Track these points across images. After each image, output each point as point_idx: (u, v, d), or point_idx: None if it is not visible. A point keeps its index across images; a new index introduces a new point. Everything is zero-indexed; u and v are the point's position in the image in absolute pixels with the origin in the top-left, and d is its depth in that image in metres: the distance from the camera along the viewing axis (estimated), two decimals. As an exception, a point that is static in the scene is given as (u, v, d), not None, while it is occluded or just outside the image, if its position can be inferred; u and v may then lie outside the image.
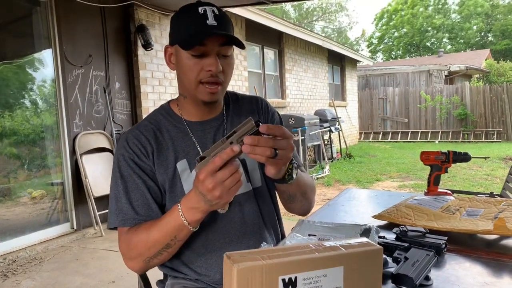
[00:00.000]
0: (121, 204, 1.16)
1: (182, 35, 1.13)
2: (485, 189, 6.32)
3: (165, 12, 5.46)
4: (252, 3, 5.09)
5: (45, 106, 4.50)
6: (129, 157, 1.18)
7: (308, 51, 10.38)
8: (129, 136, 1.21)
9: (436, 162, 1.76)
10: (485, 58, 21.66)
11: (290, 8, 31.95)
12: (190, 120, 1.25)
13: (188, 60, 1.14)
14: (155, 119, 1.26)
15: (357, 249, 0.81)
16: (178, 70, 1.20)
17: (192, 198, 1.00)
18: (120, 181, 1.18)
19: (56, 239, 4.21)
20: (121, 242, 1.15)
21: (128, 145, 1.19)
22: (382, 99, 15.72)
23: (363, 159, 10.19)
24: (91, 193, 4.42)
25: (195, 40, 1.10)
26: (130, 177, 1.17)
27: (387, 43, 33.13)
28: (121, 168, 1.18)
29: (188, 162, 1.20)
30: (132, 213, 1.15)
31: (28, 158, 4.40)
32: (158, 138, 1.21)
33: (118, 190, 1.17)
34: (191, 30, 1.12)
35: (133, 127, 1.25)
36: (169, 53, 1.22)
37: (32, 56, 4.51)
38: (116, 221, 1.16)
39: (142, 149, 1.19)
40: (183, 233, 1.07)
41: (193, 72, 1.14)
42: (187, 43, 1.11)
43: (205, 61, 1.13)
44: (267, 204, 1.31)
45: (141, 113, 5.18)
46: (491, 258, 1.18)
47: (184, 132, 1.23)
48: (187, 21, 1.13)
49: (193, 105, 1.23)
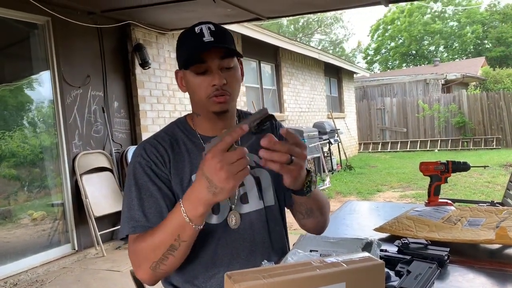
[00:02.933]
0: (133, 211, 1.15)
1: (183, 57, 1.19)
2: (487, 197, 6.30)
3: (162, 31, 5.51)
4: (248, 19, 5.14)
5: (44, 127, 4.51)
6: (146, 164, 1.18)
7: (304, 64, 10.45)
8: (147, 145, 1.22)
9: (436, 172, 1.76)
10: (481, 66, 21.79)
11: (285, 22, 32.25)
12: (205, 135, 1.27)
13: (194, 79, 1.19)
14: (172, 131, 1.28)
15: (359, 264, 0.80)
16: (188, 91, 1.25)
17: (195, 188, 0.99)
18: (134, 188, 1.17)
19: (57, 261, 4.18)
20: (130, 251, 1.13)
21: (145, 153, 1.20)
22: (380, 109, 15.76)
23: (363, 170, 10.18)
24: (92, 213, 4.41)
25: (192, 58, 1.16)
26: (145, 184, 1.17)
27: (384, 54, 33.35)
28: (136, 176, 1.18)
29: None
30: (143, 220, 1.14)
31: (28, 179, 4.39)
32: (175, 150, 1.23)
33: (131, 197, 1.16)
34: (189, 50, 1.17)
35: (150, 137, 1.27)
36: (180, 77, 1.27)
37: (31, 78, 4.54)
38: (126, 229, 1.14)
39: (159, 157, 1.20)
40: (187, 232, 1.03)
41: (200, 89, 1.18)
42: (186, 62, 1.18)
43: (208, 77, 1.17)
44: (278, 224, 1.32)
45: (140, 132, 5.20)
46: (494, 269, 1.17)
47: (199, 146, 1.25)
48: (186, 43, 1.19)
49: (207, 121, 1.26)
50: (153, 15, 4.88)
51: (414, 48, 31.09)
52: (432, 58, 29.11)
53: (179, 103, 5.89)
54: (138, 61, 5.11)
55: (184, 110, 5.91)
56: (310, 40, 34.10)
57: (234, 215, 1.22)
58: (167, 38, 5.71)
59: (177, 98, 5.86)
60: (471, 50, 30.36)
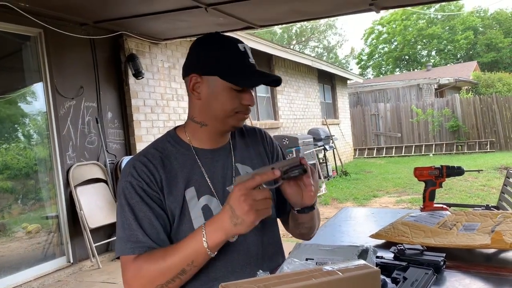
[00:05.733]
0: (130, 231, 1.13)
1: (227, 70, 1.16)
2: (482, 200, 6.32)
3: (155, 41, 5.52)
4: (241, 28, 5.16)
5: (38, 139, 4.49)
6: (137, 184, 1.15)
7: (298, 71, 10.49)
8: (137, 164, 1.18)
9: (430, 177, 1.76)
10: (473, 70, 21.96)
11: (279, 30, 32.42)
12: (199, 147, 1.25)
13: (228, 93, 1.17)
14: (162, 147, 1.24)
15: (354, 272, 0.80)
16: (207, 100, 1.20)
17: (219, 216, 1.04)
18: (128, 208, 1.14)
19: (52, 274, 4.14)
20: (128, 271, 1.11)
21: (136, 172, 1.16)
22: (374, 115, 15.83)
23: (359, 176, 10.19)
24: (87, 224, 4.37)
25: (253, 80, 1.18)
26: (138, 204, 1.14)
27: (377, 59, 33.55)
28: (127, 196, 1.15)
29: (196, 190, 1.19)
30: (142, 239, 1.12)
31: (22, 192, 4.36)
32: (167, 167, 1.19)
33: (126, 217, 1.14)
34: (239, 68, 1.17)
35: (139, 154, 1.22)
36: (194, 82, 1.20)
37: (23, 90, 4.53)
38: (125, 249, 1.12)
39: (150, 176, 1.16)
40: (201, 258, 1.07)
41: (233, 104, 1.17)
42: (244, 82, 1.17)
43: (243, 96, 1.18)
44: (273, 235, 1.32)
45: (135, 142, 5.18)
46: (490, 273, 1.17)
47: (192, 159, 1.23)
48: (231, 57, 1.17)
49: (209, 134, 1.25)
50: (146, 25, 4.88)
51: (407, 53, 31.30)
52: (424, 63, 29.32)
53: (173, 112, 5.89)
54: (131, 71, 5.10)
55: (178, 119, 5.90)
56: (304, 47, 34.31)
57: None
58: (160, 48, 5.72)
59: (171, 108, 5.86)
60: (462, 55, 30.63)
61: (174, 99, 5.93)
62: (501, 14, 28.89)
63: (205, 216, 1.18)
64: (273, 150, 1.40)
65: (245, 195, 0.99)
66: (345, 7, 4.70)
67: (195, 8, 4.18)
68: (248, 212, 0.99)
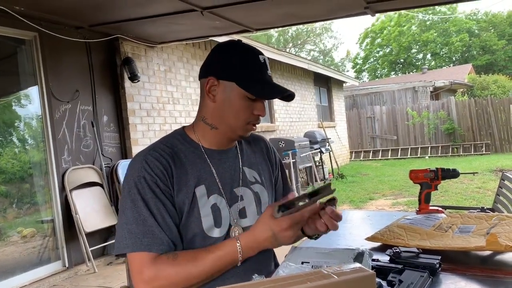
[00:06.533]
0: (145, 226, 1.10)
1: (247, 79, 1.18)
2: (478, 202, 6.34)
3: (151, 44, 5.52)
4: (237, 31, 5.17)
5: (33, 143, 4.47)
6: (151, 179, 1.14)
7: (294, 74, 10.51)
8: (149, 158, 1.16)
9: (425, 180, 1.77)
10: (468, 73, 22.06)
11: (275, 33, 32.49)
12: (208, 148, 1.26)
13: (242, 101, 1.19)
14: (171, 143, 1.23)
15: (350, 275, 0.80)
16: (221, 104, 1.21)
17: (260, 239, 1.09)
18: (142, 203, 1.12)
19: (47, 278, 4.11)
20: (147, 270, 1.07)
21: (149, 167, 1.15)
22: (370, 118, 15.87)
23: (355, 179, 10.20)
24: (82, 228, 4.35)
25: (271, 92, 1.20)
26: (152, 200, 1.13)
27: (372, 63, 33.66)
28: (140, 191, 1.13)
29: (206, 188, 1.20)
30: (160, 235, 1.10)
31: (17, 196, 4.33)
32: (177, 163, 1.19)
33: (140, 212, 1.11)
34: (257, 78, 1.19)
35: (148, 148, 1.21)
36: (211, 85, 1.20)
37: (19, 93, 4.51)
38: (140, 245, 1.09)
39: (164, 171, 1.15)
40: (230, 267, 1.13)
41: (245, 113, 1.20)
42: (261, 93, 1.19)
43: (256, 105, 1.21)
44: None
45: (130, 145, 5.17)
46: (486, 275, 1.17)
47: (202, 158, 1.23)
48: (251, 66, 1.20)
49: (219, 136, 1.26)
50: (142, 29, 4.88)
51: (402, 57, 31.42)
52: (420, 66, 29.43)
53: (169, 115, 5.88)
54: (127, 74, 5.10)
55: (174, 122, 5.90)
56: (300, 50, 34.39)
57: (237, 229, 1.23)
58: (156, 51, 5.72)
59: (167, 111, 5.85)
60: (457, 57, 30.78)
61: (170, 102, 5.93)
62: (496, 16, 29.07)
63: (214, 215, 1.19)
64: (276, 160, 1.45)
65: (292, 227, 1.06)
66: (340, 10, 4.72)
67: (191, 12, 4.18)
68: (291, 239, 1.09)
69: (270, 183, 1.38)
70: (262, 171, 1.35)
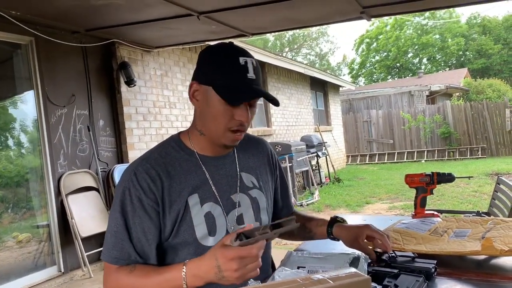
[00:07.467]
0: (117, 239, 1.13)
1: (221, 83, 1.13)
2: (474, 206, 6.36)
3: (147, 49, 5.52)
4: (233, 36, 5.17)
5: (29, 148, 4.45)
6: (135, 193, 1.14)
7: (290, 79, 10.53)
8: (139, 170, 1.16)
9: (421, 184, 1.77)
10: (464, 77, 22.16)
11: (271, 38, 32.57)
12: (203, 154, 1.24)
13: (220, 105, 1.14)
14: (166, 152, 1.22)
15: (345, 280, 0.80)
16: (203, 109, 1.18)
17: (203, 267, 1.01)
18: (120, 215, 1.14)
19: (43, 284, 4.09)
20: (109, 279, 1.13)
21: (136, 179, 1.15)
22: (366, 122, 15.90)
23: (351, 183, 10.21)
24: (78, 233, 4.33)
25: (239, 97, 1.12)
26: (130, 213, 1.14)
27: (368, 68, 33.77)
28: (123, 202, 1.14)
29: (200, 197, 1.19)
30: (128, 250, 1.13)
31: (12, 201, 4.31)
32: (170, 173, 1.18)
33: (116, 224, 1.14)
34: (233, 82, 1.12)
35: (141, 159, 1.20)
36: (194, 90, 1.19)
37: (14, 98, 4.50)
38: (109, 257, 1.14)
39: (151, 184, 1.15)
40: None
41: (224, 118, 1.15)
42: (229, 96, 1.12)
43: (236, 111, 1.14)
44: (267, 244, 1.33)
45: (126, 150, 5.16)
46: (481, 279, 1.18)
47: (197, 166, 1.22)
48: (228, 70, 1.13)
49: (209, 143, 1.23)
50: (138, 33, 4.88)
51: (400, 61, 31.54)
52: (416, 70, 29.54)
53: (166, 120, 5.88)
54: (124, 79, 5.09)
55: (170, 127, 5.89)
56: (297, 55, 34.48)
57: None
58: (152, 56, 5.72)
59: (164, 115, 5.85)
60: (453, 62, 30.93)
61: (167, 106, 5.93)
62: (491, 21, 29.25)
63: (207, 223, 1.18)
64: (275, 163, 1.43)
65: (239, 261, 0.96)
66: (336, 15, 4.74)
67: (187, 16, 4.19)
68: (235, 276, 0.97)
69: (269, 187, 1.37)
70: (260, 175, 1.33)
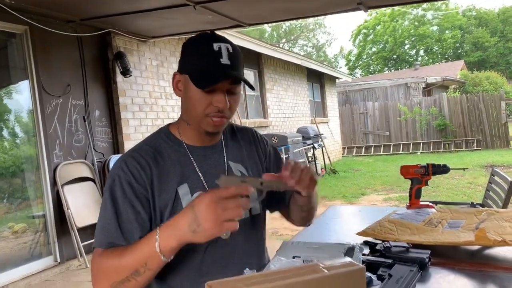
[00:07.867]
0: (105, 223, 1.13)
1: (194, 70, 1.15)
2: (469, 198, 6.40)
3: (143, 39, 5.49)
4: (230, 26, 5.15)
5: (24, 138, 4.43)
6: (125, 178, 1.14)
7: (287, 70, 10.50)
8: (128, 159, 1.18)
9: (416, 175, 1.78)
10: (460, 69, 22.20)
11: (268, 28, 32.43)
12: (191, 145, 1.25)
13: (196, 93, 1.14)
14: (155, 143, 1.23)
15: (340, 270, 0.81)
16: (185, 99, 1.20)
17: (177, 219, 0.98)
18: (109, 201, 1.14)
19: (39, 274, 4.10)
20: (93, 263, 1.11)
21: (126, 166, 1.16)
22: (362, 113, 15.92)
23: (347, 174, 10.25)
24: (74, 223, 4.33)
25: (208, 81, 1.12)
26: (120, 198, 1.14)
27: (365, 59, 33.73)
28: (113, 189, 1.15)
29: (189, 187, 1.19)
30: (114, 234, 1.11)
31: (8, 191, 4.30)
32: (159, 163, 1.19)
33: (106, 208, 1.14)
34: (204, 67, 1.13)
35: (131, 150, 1.22)
36: (176, 80, 1.22)
37: (9, 88, 4.46)
38: (96, 240, 1.13)
39: (141, 171, 1.16)
40: (155, 261, 1.01)
41: (201, 105, 1.15)
42: (199, 81, 1.13)
43: (213, 97, 1.14)
44: (260, 231, 1.33)
45: (122, 140, 5.14)
46: (474, 269, 1.19)
47: (186, 156, 1.23)
48: (201, 56, 1.14)
49: (196, 132, 1.24)
50: (134, 23, 4.85)
51: (396, 52, 31.51)
52: (412, 62, 29.54)
53: (162, 110, 5.86)
54: (119, 69, 5.06)
55: (166, 117, 5.88)
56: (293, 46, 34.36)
57: None
58: (148, 46, 5.68)
59: (160, 106, 5.83)
60: (450, 54, 30.94)
61: (163, 97, 5.91)
62: (487, 13, 29.23)
63: None
64: (265, 149, 1.41)
65: (215, 203, 0.92)
66: (333, 6, 4.72)
67: (183, 6, 4.16)
68: (212, 221, 0.92)
69: (259, 177, 1.37)
70: (249, 166, 1.33)
